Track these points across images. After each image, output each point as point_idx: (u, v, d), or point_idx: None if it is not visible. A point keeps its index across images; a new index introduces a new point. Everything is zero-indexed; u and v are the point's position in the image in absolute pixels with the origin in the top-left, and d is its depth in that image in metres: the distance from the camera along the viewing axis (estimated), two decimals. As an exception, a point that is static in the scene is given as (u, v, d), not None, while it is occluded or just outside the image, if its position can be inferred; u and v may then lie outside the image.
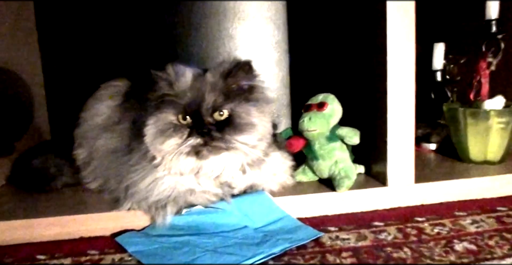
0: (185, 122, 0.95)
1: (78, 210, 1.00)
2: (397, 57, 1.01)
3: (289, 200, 1.03)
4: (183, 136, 0.95)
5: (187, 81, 0.97)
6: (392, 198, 1.06)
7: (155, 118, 0.97)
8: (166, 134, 0.96)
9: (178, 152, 0.95)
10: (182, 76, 0.97)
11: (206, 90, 0.96)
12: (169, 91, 0.97)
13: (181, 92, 0.96)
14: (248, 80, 0.99)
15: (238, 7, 1.63)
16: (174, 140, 0.95)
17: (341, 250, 0.86)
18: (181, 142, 0.95)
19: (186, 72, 0.98)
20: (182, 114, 0.95)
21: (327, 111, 1.07)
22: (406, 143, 1.04)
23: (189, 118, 0.95)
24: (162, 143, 0.96)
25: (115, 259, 0.87)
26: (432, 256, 0.82)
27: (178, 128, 0.96)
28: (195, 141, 0.94)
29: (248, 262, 0.81)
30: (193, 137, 0.94)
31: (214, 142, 0.94)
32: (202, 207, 0.97)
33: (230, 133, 0.95)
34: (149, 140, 0.97)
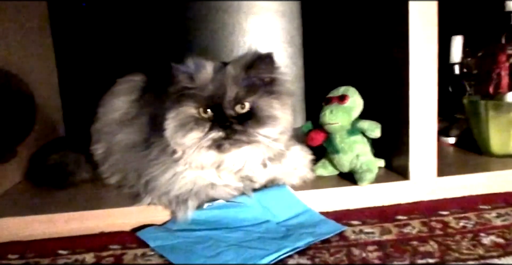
0: (206, 115, 0.94)
1: (98, 205, 1.00)
2: (419, 47, 0.99)
3: (310, 194, 1.02)
4: (205, 130, 0.94)
5: (208, 74, 0.96)
6: (414, 192, 1.04)
7: (175, 112, 0.96)
8: (187, 127, 0.94)
9: (199, 146, 0.94)
10: (203, 69, 0.96)
11: (227, 82, 0.94)
12: (189, 84, 0.96)
13: (202, 85, 0.95)
14: (269, 73, 0.98)
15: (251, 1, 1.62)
16: (195, 133, 0.94)
17: (366, 244, 0.85)
18: (203, 135, 0.94)
19: (206, 65, 0.97)
20: (203, 107, 0.94)
21: (349, 104, 1.05)
22: (428, 135, 1.03)
23: (210, 111, 0.94)
24: (183, 136, 0.95)
25: (137, 254, 0.86)
26: (460, 250, 0.81)
27: (199, 121, 0.94)
28: (216, 135, 0.93)
29: (273, 256, 0.80)
30: (215, 130, 0.93)
31: (236, 135, 0.93)
32: (223, 201, 0.95)
33: (252, 126, 0.94)
34: (170, 134, 0.96)
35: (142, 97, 1.17)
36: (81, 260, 0.85)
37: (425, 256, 0.79)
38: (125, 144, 1.11)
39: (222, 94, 0.94)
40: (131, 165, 1.06)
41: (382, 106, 1.12)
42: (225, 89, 0.94)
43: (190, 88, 0.96)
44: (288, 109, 0.99)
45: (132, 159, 1.07)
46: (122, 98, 1.19)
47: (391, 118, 1.08)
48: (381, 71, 1.13)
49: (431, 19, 0.99)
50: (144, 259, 0.84)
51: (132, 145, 1.09)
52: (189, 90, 0.96)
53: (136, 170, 1.04)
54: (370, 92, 1.13)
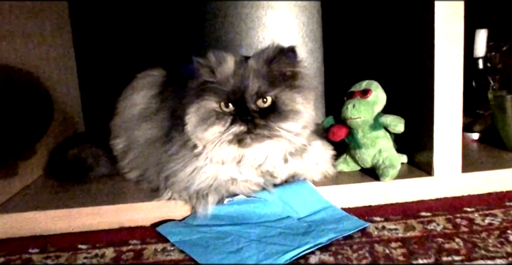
0: (227, 109, 0.93)
1: (118, 200, 0.99)
2: (445, 41, 0.97)
3: (332, 189, 1.01)
4: (226, 124, 0.93)
5: (230, 67, 0.95)
6: (438, 188, 1.02)
7: (196, 106, 0.95)
8: (209, 122, 0.93)
9: (221, 140, 0.93)
10: (224, 63, 0.95)
11: (249, 76, 0.93)
12: (210, 78, 0.95)
13: (224, 79, 0.94)
14: (292, 66, 0.96)
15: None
16: (217, 128, 0.93)
17: (390, 241, 0.83)
18: (224, 130, 0.92)
19: (228, 58, 0.96)
20: (224, 101, 0.93)
21: (371, 98, 1.03)
22: (453, 131, 1.01)
23: (232, 105, 0.93)
24: (204, 131, 0.94)
25: (157, 249, 0.85)
26: (487, 247, 0.79)
27: (220, 115, 0.93)
28: (238, 129, 0.92)
29: (295, 252, 0.78)
30: (236, 124, 0.92)
31: (258, 129, 0.92)
32: (244, 197, 0.94)
33: (275, 121, 0.92)
34: (191, 128, 0.95)
35: (162, 92, 1.16)
36: (101, 255, 0.84)
37: (450, 253, 0.77)
38: (145, 139, 1.10)
39: (244, 88, 0.92)
40: (151, 160, 1.06)
41: (406, 101, 1.10)
42: (247, 83, 0.92)
43: (211, 82, 0.95)
44: (310, 104, 0.97)
45: (152, 154, 1.06)
46: (142, 93, 1.18)
47: (414, 113, 1.06)
48: (404, 65, 1.11)
49: (457, 12, 0.97)
50: (164, 255, 0.83)
51: (152, 140, 1.09)
52: (210, 84, 0.95)
53: (156, 165, 1.03)
54: (393, 86, 1.12)
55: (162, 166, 1.01)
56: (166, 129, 1.07)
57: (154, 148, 1.07)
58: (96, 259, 0.83)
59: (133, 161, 1.12)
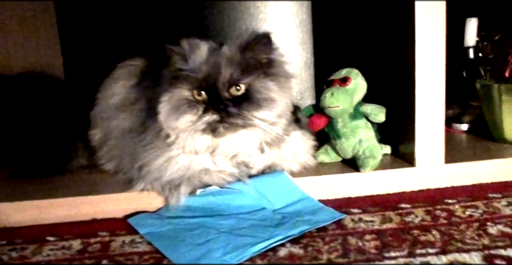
0: (200, 97, 0.91)
1: (91, 191, 0.97)
2: (426, 29, 0.94)
3: (311, 181, 0.98)
4: (198, 113, 0.90)
5: (202, 55, 0.92)
6: (420, 179, 0.99)
7: (169, 95, 0.93)
8: (181, 110, 0.91)
9: (193, 130, 0.90)
10: (197, 50, 0.92)
11: (222, 63, 0.90)
12: (183, 66, 0.92)
13: (196, 66, 0.91)
14: (267, 53, 0.93)
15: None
16: (188, 116, 0.90)
17: (364, 233, 0.81)
18: (196, 119, 0.90)
19: (201, 45, 0.93)
20: (197, 89, 0.90)
21: (351, 86, 1.00)
22: (435, 121, 0.98)
23: (205, 93, 0.90)
24: (176, 120, 0.91)
25: (125, 241, 0.83)
26: (463, 239, 0.76)
27: (193, 104, 0.91)
28: (211, 118, 0.89)
29: (264, 244, 0.76)
30: (209, 113, 0.89)
31: (231, 118, 0.89)
32: (217, 188, 0.92)
33: (248, 109, 0.89)
34: (163, 117, 0.93)
35: (141, 82, 1.13)
36: (67, 247, 0.82)
37: (425, 246, 0.74)
38: (122, 130, 1.08)
39: (216, 76, 0.90)
40: (126, 150, 1.03)
41: (390, 91, 1.07)
42: (219, 70, 0.90)
43: (184, 70, 0.92)
44: (286, 92, 0.94)
45: (128, 144, 1.04)
46: (121, 82, 1.16)
47: (397, 103, 1.03)
48: (389, 55, 1.08)
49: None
50: (132, 246, 0.81)
51: (128, 131, 1.06)
52: (182, 71, 0.92)
53: (131, 155, 1.01)
54: (378, 77, 1.09)
55: (135, 157, 0.98)
56: (142, 119, 1.04)
57: (130, 138, 1.04)
58: (62, 251, 0.81)
59: (109, 152, 1.10)
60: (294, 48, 1.64)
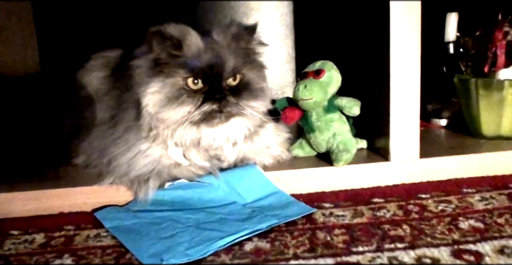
0: (196, 87, 0.88)
1: (58, 184, 0.94)
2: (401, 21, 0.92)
3: (284, 174, 0.96)
4: (198, 103, 0.87)
5: (197, 41, 0.88)
6: (394, 174, 0.98)
7: (159, 84, 0.88)
8: (179, 101, 0.87)
9: (188, 121, 0.87)
10: (189, 36, 0.88)
11: (224, 52, 0.89)
12: (177, 52, 0.88)
13: (195, 53, 0.88)
14: (256, 44, 0.95)
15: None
16: (187, 107, 0.87)
17: (334, 227, 0.79)
18: (194, 109, 0.87)
19: (190, 31, 0.89)
20: (195, 77, 0.87)
21: (325, 78, 0.98)
22: (410, 116, 0.96)
23: (201, 82, 0.88)
24: (172, 111, 0.87)
25: (90, 235, 0.81)
26: (433, 234, 0.74)
27: (191, 93, 0.87)
28: (210, 107, 0.87)
29: (230, 238, 0.74)
30: (209, 103, 0.87)
31: (228, 108, 0.88)
32: (186, 181, 0.90)
33: (246, 98, 0.90)
34: (153, 109, 0.88)
35: (114, 73, 1.11)
36: (30, 241, 0.80)
37: (394, 241, 0.73)
38: (92, 122, 1.05)
39: (221, 64, 0.88)
40: (96, 144, 1.01)
41: (366, 85, 1.06)
42: (224, 59, 0.88)
43: (178, 57, 0.88)
44: (267, 82, 0.97)
45: (98, 137, 1.01)
46: (93, 74, 1.13)
47: (373, 97, 1.01)
48: (365, 50, 1.07)
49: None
50: (96, 240, 0.79)
51: (99, 123, 1.04)
52: (177, 58, 0.88)
53: (100, 148, 0.98)
54: (357, 71, 1.08)
55: (105, 150, 0.95)
56: (113, 112, 1.01)
57: (100, 131, 1.01)
58: (24, 245, 0.79)
59: (80, 144, 1.07)
60: (275, 42, 1.62)
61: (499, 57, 1.21)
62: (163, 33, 0.86)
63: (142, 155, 0.91)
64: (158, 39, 0.87)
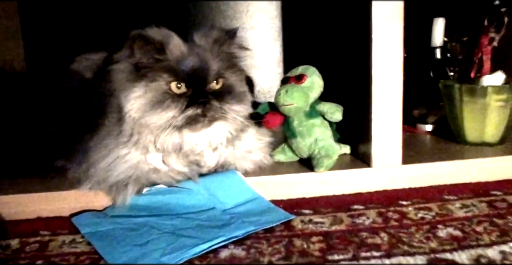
0: (179, 91, 0.87)
1: (36, 189, 0.93)
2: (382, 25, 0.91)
3: (265, 180, 0.95)
4: (182, 107, 0.86)
5: (180, 45, 0.88)
6: (376, 180, 0.97)
7: (143, 89, 0.87)
8: (164, 105, 0.86)
9: (172, 126, 0.86)
10: (172, 40, 0.88)
11: (208, 56, 0.89)
12: (160, 56, 0.87)
13: (179, 57, 0.87)
14: (238, 48, 0.95)
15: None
16: (171, 111, 0.86)
17: (312, 235, 0.78)
18: (179, 113, 0.86)
19: (172, 35, 0.89)
20: (179, 81, 0.87)
21: (306, 84, 0.97)
22: (392, 121, 0.95)
23: (185, 86, 0.87)
24: (156, 116, 0.86)
25: (65, 241, 0.80)
26: (411, 243, 0.74)
27: (175, 98, 0.87)
28: (194, 112, 0.87)
29: (206, 246, 0.73)
30: (193, 107, 0.86)
31: (212, 112, 0.88)
32: (164, 186, 0.89)
33: (229, 103, 0.90)
34: (137, 114, 0.87)
35: (96, 77, 1.10)
36: (4, 246, 0.79)
37: (371, 249, 0.72)
38: (73, 126, 1.04)
39: (206, 68, 0.88)
40: (76, 147, 1.00)
41: (350, 91, 1.05)
42: (208, 63, 0.88)
43: (161, 61, 0.87)
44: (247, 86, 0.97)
45: (78, 141, 1.00)
46: (76, 76, 1.12)
47: (356, 103, 1.01)
48: (349, 56, 1.06)
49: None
50: (71, 247, 0.78)
51: (80, 127, 1.02)
52: (160, 62, 0.87)
53: (80, 153, 0.97)
54: (341, 77, 1.08)
55: (84, 155, 0.94)
56: (94, 116, 1.00)
57: (80, 135, 1.00)
58: (-3, 251, 0.77)
59: (61, 148, 1.06)
60: (263, 45, 1.61)
61: (485, 63, 1.21)
62: (145, 37, 0.85)
63: (121, 161, 0.90)
64: (140, 43, 0.86)
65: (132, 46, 0.86)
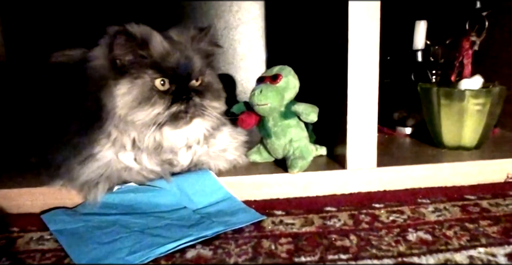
0: (163, 88, 0.87)
1: (8, 185, 0.92)
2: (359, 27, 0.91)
3: (238, 180, 0.95)
4: (168, 104, 0.86)
5: (162, 42, 0.87)
6: (351, 182, 0.97)
7: (128, 85, 0.85)
8: (151, 101, 0.85)
9: (156, 122, 0.86)
10: (153, 36, 0.87)
11: (190, 53, 0.89)
12: (144, 52, 0.86)
13: (163, 54, 0.87)
14: (213, 46, 0.97)
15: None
16: (159, 108, 0.86)
17: (281, 236, 0.78)
18: (164, 110, 0.86)
19: (154, 31, 0.88)
20: (164, 78, 0.87)
21: (281, 84, 0.96)
22: (367, 124, 0.95)
23: (169, 83, 0.87)
24: (144, 112, 0.85)
25: (33, 238, 0.79)
26: (380, 246, 0.73)
27: (161, 94, 0.86)
28: (178, 108, 0.87)
29: (173, 245, 0.72)
30: (177, 104, 0.87)
31: (193, 108, 0.88)
32: (135, 185, 0.88)
33: (209, 99, 0.91)
34: (123, 111, 0.85)
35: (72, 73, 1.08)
36: (-30, 243, 0.78)
37: (338, 252, 0.72)
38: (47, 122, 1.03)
39: (190, 65, 0.88)
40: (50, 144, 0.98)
41: (327, 92, 1.05)
42: (191, 59, 0.89)
43: (145, 57, 0.86)
44: None
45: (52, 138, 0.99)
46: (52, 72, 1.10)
47: (332, 105, 1.00)
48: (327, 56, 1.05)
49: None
50: (38, 244, 0.77)
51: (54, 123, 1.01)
52: (143, 59, 0.86)
53: (53, 150, 0.96)
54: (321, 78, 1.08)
55: (57, 152, 0.93)
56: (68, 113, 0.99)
57: (55, 132, 0.99)
58: (-37, 248, 0.76)
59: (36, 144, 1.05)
60: (245, 45, 1.61)
61: (465, 67, 1.21)
62: (128, 32, 0.84)
63: (93, 159, 0.88)
64: (122, 38, 0.84)
65: (112, 42, 0.84)
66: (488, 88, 1.08)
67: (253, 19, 1.59)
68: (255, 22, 1.60)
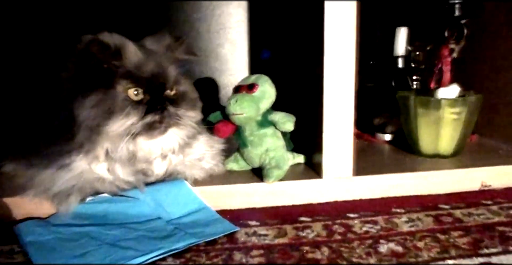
0: (137, 98, 0.85)
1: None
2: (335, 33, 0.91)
3: (213, 190, 0.95)
4: (142, 114, 0.85)
5: (135, 51, 0.86)
6: (327, 191, 0.97)
7: (100, 96, 0.83)
8: (124, 112, 0.83)
9: (129, 133, 0.84)
10: (127, 46, 0.86)
11: (165, 62, 0.89)
12: (117, 62, 0.85)
13: (137, 63, 0.86)
14: (188, 54, 0.96)
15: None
16: (133, 119, 0.84)
17: (253, 248, 0.78)
18: (137, 120, 0.85)
19: (127, 40, 0.87)
20: (137, 88, 0.85)
21: (257, 93, 0.96)
22: (344, 132, 0.95)
23: (142, 93, 0.86)
24: (118, 123, 0.83)
25: (3, 250, 0.78)
26: (350, 258, 0.73)
27: (134, 105, 0.85)
28: (152, 119, 0.86)
29: (144, 258, 0.72)
30: (152, 114, 0.86)
31: (168, 118, 0.87)
32: (107, 195, 0.87)
33: (184, 109, 0.91)
34: (95, 122, 0.83)
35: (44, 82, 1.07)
36: None
37: (309, 264, 0.72)
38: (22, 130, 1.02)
39: (164, 75, 0.88)
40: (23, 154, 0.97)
41: (305, 101, 1.05)
42: (165, 69, 0.88)
43: (119, 67, 0.85)
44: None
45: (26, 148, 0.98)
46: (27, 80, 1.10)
47: (309, 113, 1.00)
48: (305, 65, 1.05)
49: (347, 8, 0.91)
50: (7, 257, 0.76)
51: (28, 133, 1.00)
52: (116, 68, 0.85)
53: (26, 160, 0.95)
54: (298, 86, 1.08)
55: (30, 162, 0.92)
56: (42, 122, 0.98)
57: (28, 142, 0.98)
58: None
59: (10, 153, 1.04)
60: (229, 49, 1.60)
61: (444, 74, 1.21)
62: (101, 41, 0.83)
63: (65, 170, 0.87)
64: (95, 48, 0.83)
65: (85, 51, 0.83)
66: (464, 97, 1.08)
67: (236, 22, 1.58)
68: (238, 25, 1.59)
